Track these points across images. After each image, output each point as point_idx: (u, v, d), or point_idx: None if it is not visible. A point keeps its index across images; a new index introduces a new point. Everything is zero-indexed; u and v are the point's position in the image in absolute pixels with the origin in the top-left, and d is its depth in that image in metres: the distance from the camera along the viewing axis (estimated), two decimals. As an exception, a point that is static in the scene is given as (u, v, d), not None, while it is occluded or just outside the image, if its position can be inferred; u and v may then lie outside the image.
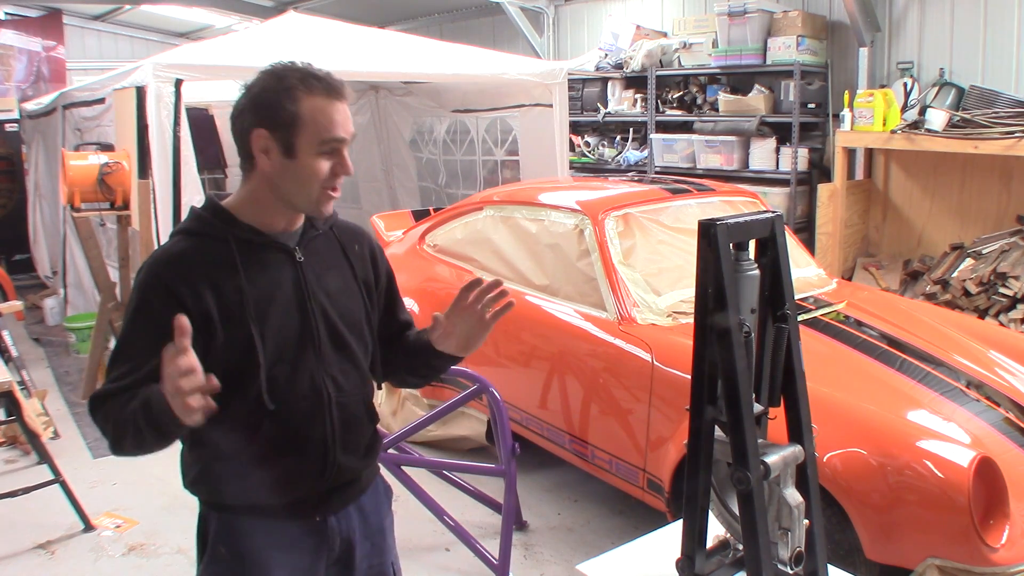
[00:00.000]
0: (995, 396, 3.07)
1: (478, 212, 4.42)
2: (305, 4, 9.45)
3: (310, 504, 1.68)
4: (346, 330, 1.69)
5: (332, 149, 1.56)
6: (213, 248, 1.58)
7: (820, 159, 6.50)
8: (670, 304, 3.47)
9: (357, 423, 1.72)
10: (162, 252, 1.61)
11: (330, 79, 1.56)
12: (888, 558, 2.49)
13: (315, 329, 1.64)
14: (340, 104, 1.56)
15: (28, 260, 8.88)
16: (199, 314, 1.52)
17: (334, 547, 1.73)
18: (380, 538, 1.83)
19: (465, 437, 4.26)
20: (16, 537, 3.65)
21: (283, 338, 1.60)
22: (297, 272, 1.64)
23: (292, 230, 1.66)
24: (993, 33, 5.54)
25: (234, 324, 1.55)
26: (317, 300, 1.65)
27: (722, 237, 1.50)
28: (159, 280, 1.55)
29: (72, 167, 4.99)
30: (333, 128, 1.54)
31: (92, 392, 1.56)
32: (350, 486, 1.74)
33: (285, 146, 1.54)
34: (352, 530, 1.75)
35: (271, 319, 1.59)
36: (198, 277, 1.55)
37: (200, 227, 1.62)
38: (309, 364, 1.63)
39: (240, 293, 1.56)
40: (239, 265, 1.57)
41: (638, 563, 1.78)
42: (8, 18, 10.81)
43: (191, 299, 1.53)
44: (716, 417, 1.56)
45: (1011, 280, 4.83)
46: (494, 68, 6.23)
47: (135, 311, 1.56)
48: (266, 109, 1.54)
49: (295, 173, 1.55)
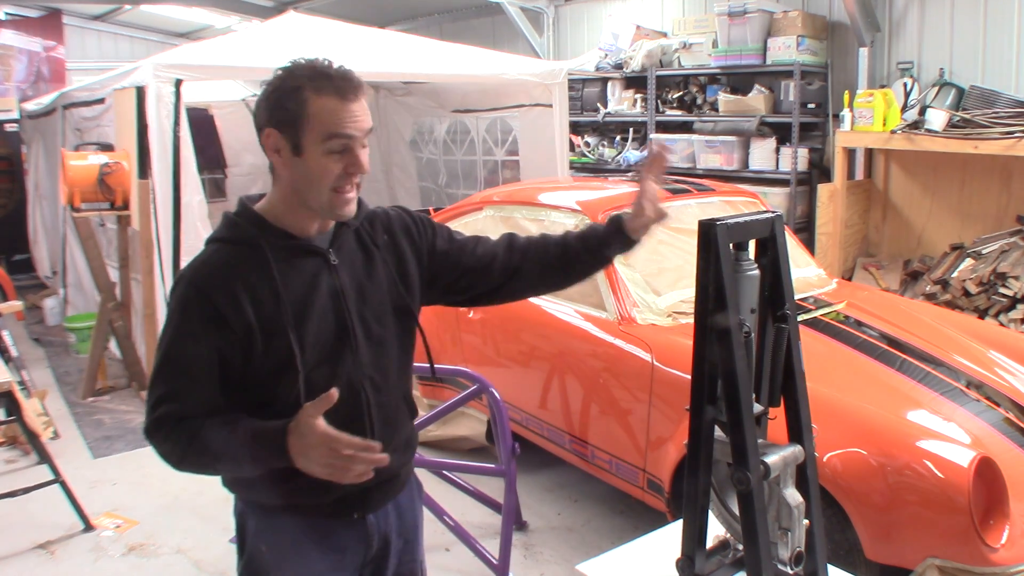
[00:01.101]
0: (995, 396, 3.07)
1: (478, 212, 4.42)
2: (305, 4, 9.45)
3: (350, 502, 1.68)
4: (382, 327, 1.68)
5: (342, 147, 1.53)
6: (249, 255, 1.57)
7: (820, 159, 6.50)
8: (670, 304, 3.47)
9: (396, 420, 1.72)
10: (200, 264, 1.59)
11: (341, 78, 1.54)
12: (888, 558, 2.49)
13: (352, 332, 1.63)
14: (350, 102, 1.53)
15: (28, 260, 8.88)
16: (241, 326, 1.52)
17: (372, 545, 1.73)
18: (413, 535, 1.84)
19: (465, 437, 4.26)
20: (16, 537, 3.65)
21: (321, 343, 1.59)
22: (332, 275, 1.63)
23: (325, 232, 1.65)
24: (993, 33, 5.54)
25: (273, 332, 1.54)
26: (352, 302, 1.64)
27: (722, 237, 1.50)
28: (200, 293, 1.54)
29: (72, 167, 4.99)
30: (339, 125, 1.51)
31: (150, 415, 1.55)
32: (389, 483, 1.73)
33: (293, 145, 1.53)
34: (389, 528, 1.75)
35: (309, 325, 1.58)
36: (237, 287, 1.54)
37: (235, 234, 1.60)
38: (347, 367, 1.62)
39: (277, 300, 1.55)
40: (275, 271, 1.56)
41: (638, 563, 1.78)
42: (8, 18, 10.81)
43: (232, 311, 1.52)
44: (716, 417, 1.56)
45: (1011, 280, 4.83)
46: (494, 68, 6.23)
47: (178, 327, 1.55)
48: (275, 108, 1.53)
49: (305, 172, 1.54)
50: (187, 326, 1.54)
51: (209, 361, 1.53)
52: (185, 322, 1.54)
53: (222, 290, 1.53)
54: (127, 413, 5.13)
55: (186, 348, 1.54)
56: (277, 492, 1.61)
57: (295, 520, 1.66)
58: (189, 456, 1.53)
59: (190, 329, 1.53)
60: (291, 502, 1.63)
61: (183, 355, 1.54)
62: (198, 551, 3.49)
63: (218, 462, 1.54)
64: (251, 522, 1.68)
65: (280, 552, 1.66)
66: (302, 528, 1.66)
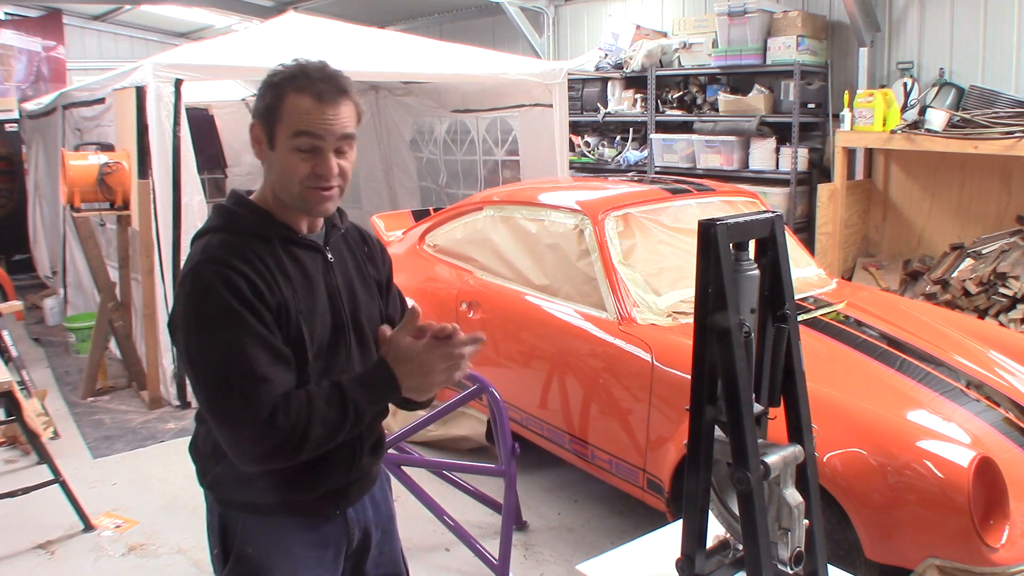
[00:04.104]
0: (995, 396, 3.07)
1: (478, 212, 4.42)
2: (305, 4, 9.45)
3: (332, 498, 1.70)
4: (369, 330, 1.71)
5: (310, 147, 1.53)
6: (258, 244, 1.56)
7: (820, 159, 6.50)
8: (670, 304, 3.47)
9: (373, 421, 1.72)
10: (216, 248, 1.52)
11: (324, 80, 1.54)
12: (888, 558, 2.49)
13: (346, 330, 1.65)
14: (327, 104, 1.52)
15: (28, 260, 8.88)
16: (274, 302, 1.52)
17: (353, 538, 1.75)
18: (390, 525, 1.88)
19: (465, 437, 4.26)
20: (16, 537, 3.65)
21: (322, 335, 1.61)
22: (329, 273, 1.65)
23: (316, 231, 1.67)
24: (993, 33, 5.54)
25: (289, 320, 1.55)
26: (346, 301, 1.66)
27: (722, 237, 1.50)
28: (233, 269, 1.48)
29: (72, 167, 4.99)
30: (308, 123, 1.52)
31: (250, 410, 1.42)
32: (364, 479, 1.77)
33: (268, 137, 1.56)
34: (368, 520, 1.79)
35: (315, 318, 1.60)
36: (260, 267, 1.52)
37: (238, 224, 1.58)
38: (340, 364, 1.64)
39: (292, 289, 1.56)
40: (285, 262, 1.57)
41: (638, 563, 1.78)
42: (8, 18, 10.81)
43: (265, 286, 1.50)
44: (716, 417, 1.56)
45: (1011, 280, 4.83)
46: (494, 68, 6.23)
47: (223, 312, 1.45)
48: (259, 100, 1.58)
49: (275, 164, 1.57)
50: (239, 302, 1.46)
51: (271, 329, 1.49)
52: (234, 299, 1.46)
53: (252, 267, 1.51)
54: (127, 413, 5.13)
55: (249, 324, 1.45)
56: (257, 489, 1.61)
57: (280, 519, 1.67)
58: (313, 427, 1.46)
59: (244, 302, 1.46)
60: (277, 500, 1.64)
61: (249, 333, 1.45)
62: (198, 551, 3.48)
63: (343, 422, 1.50)
64: (235, 524, 1.67)
65: (267, 552, 1.66)
66: (287, 526, 1.67)
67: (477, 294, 4.12)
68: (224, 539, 1.69)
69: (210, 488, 1.69)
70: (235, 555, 1.68)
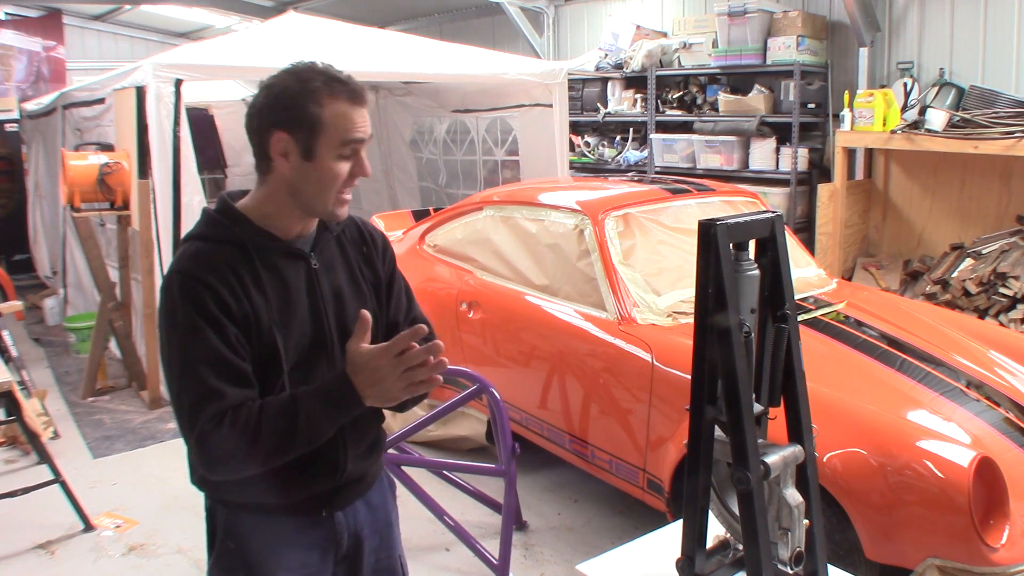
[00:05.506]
0: (995, 396, 3.07)
1: (478, 212, 4.41)
2: (305, 4, 9.45)
3: (318, 501, 1.68)
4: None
5: (352, 151, 1.55)
6: (232, 254, 1.55)
7: (820, 159, 6.50)
8: (670, 304, 3.47)
9: (364, 424, 1.72)
10: (190, 257, 1.54)
11: (352, 83, 1.55)
12: (888, 558, 2.49)
13: (328, 337, 1.63)
14: (360, 107, 1.55)
15: (28, 260, 8.89)
16: (241, 316, 1.51)
17: (342, 542, 1.73)
18: (388, 532, 1.85)
19: (465, 437, 4.26)
20: (16, 537, 3.65)
21: (300, 346, 1.60)
22: (312, 279, 1.63)
23: (306, 235, 1.65)
24: (993, 33, 5.54)
25: (260, 331, 1.54)
26: (330, 307, 1.64)
27: (722, 237, 1.50)
28: (202, 282, 1.49)
29: (72, 167, 4.99)
30: (352, 130, 1.53)
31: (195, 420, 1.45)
32: (356, 483, 1.74)
33: (305, 149, 1.52)
34: (360, 525, 1.76)
35: (291, 327, 1.58)
36: (231, 279, 1.52)
37: (218, 233, 1.58)
38: (321, 371, 1.62)
39: (265, 300, 1.55)
40: (260, 271, 1.56)
41: (638, 563, 1.78)
42: (8, 18, 10.82)
43: (233, 299, 1.51)
44: (716, 417, 1.56)
45: (1011, 280, 4.83)
46: (494, 68, 6.23)
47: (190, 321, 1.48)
48: (287, 111, 1.51)
49: (315, 176, 1.54)
50: (199, 317, 1.48)
51: (232, 344, 1.49)
52: (195, 314, 1.48)
53: (220, 279, 1.51)
54: (127, 413, 5.13)
55: (206, 338, 1.48)
56: (241, 489, 1.61)
57: (263, 519, 1.66)
58: (262, 437, 1.47)
59: (205, 317, 1.48)
60: (261, 501, 1.63)
61: (204, 347, 1.48)
62: (198, 551, 3.48)
63: (294, 433, 1.49)
64: (220, 519, 1.68)
65: (248, 549, 1.66)
66: (269, 526, 1.66)
67: (477, 294, 4.12)
68: (212, 532, 1.70)
69: (199, 485, 1.69)
70: (217, 548, 1.68)
